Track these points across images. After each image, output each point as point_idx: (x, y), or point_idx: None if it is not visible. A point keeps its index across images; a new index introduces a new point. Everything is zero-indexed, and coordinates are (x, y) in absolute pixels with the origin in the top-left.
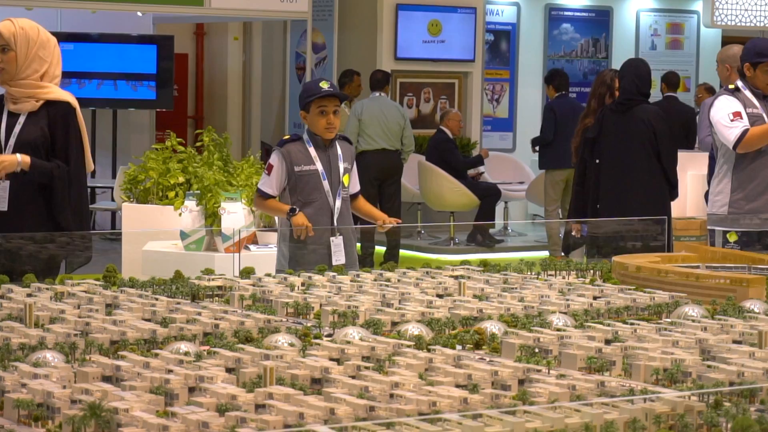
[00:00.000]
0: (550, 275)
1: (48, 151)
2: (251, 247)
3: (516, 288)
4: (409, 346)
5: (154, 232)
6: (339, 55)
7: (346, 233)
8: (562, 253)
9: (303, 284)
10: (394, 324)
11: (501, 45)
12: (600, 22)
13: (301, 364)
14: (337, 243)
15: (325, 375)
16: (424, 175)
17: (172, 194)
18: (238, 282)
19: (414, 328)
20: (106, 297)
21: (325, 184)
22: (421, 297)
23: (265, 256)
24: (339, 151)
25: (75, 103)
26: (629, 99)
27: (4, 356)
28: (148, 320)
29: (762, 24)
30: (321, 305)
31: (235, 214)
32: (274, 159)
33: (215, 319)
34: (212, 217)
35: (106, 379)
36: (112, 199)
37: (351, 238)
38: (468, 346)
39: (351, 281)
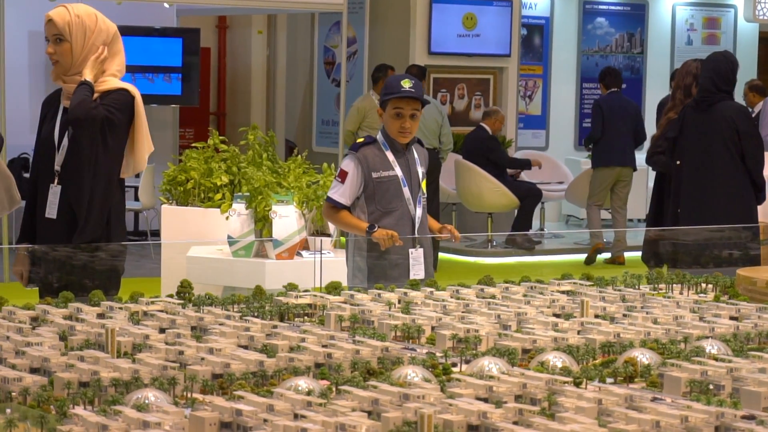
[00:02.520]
0: (661, 289)
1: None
2: (303, 253)
3: (638, 306)
4: (565, 383)
5: (194, 237)
6: (370, 49)
7: (426, 244)
8: (605, 240)
9: (399, 301)
10: (525, 351)
11: (534, 40)
12: (635, 16)
13: (450, 406)
14: (416, 256)
15: (484, 420)
16: (462, 174)
17: (217, 196)
18: (328, 299)
19: (556, 359)
20: (190, 318)
21: (406, 191)
22: (541, 318)
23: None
24: (416, 155)
25: (134, 91)
26: (706, 96)
27: (96, 394)
28: (245, 347)
29: None
30: (433, 328)
31: (287, 218)
32: (349, 165)
33: (323, 346)
34: (262, 221)
35: (225, 425)
36: (136, 199)
37: (430, 250)
38: (619, 378)
39: (451, 297)
